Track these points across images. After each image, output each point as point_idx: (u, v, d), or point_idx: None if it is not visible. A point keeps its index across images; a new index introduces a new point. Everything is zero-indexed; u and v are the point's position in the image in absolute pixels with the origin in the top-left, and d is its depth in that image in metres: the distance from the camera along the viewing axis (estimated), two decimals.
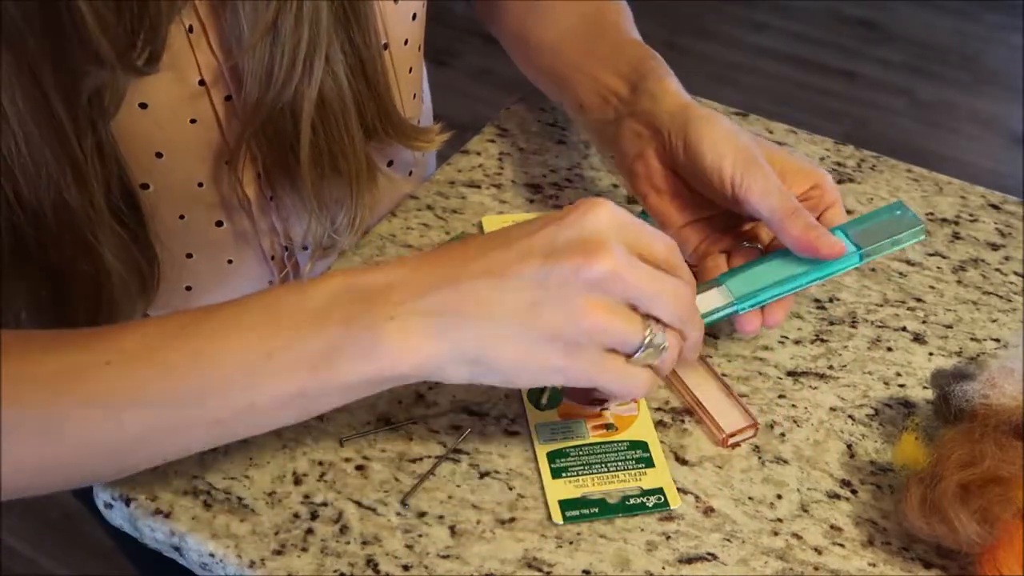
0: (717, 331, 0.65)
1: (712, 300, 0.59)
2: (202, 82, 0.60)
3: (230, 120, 0.62)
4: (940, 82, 2.61)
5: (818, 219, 0.60)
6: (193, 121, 0.61)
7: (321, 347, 0.46)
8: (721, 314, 0.59)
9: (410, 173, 0.79)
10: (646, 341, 0.48)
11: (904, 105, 2.53)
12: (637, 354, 0.48)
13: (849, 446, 0.59)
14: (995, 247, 0.73)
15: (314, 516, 0.54)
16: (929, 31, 2.79)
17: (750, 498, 0.56)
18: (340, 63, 0.59)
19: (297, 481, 0.56)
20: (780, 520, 0.55)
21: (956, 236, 0.74)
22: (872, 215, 0.61)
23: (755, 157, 0.60)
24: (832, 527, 0.55)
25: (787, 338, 0.65)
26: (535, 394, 0.60)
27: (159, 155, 0.61)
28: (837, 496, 0.56)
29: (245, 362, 0.46)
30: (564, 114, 0.84)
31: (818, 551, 0.54)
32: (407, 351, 0.46)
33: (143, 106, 0.58)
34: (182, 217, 0.65)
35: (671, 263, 0.50)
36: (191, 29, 0.58)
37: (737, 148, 0.60)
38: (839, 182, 0.79)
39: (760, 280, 0.59)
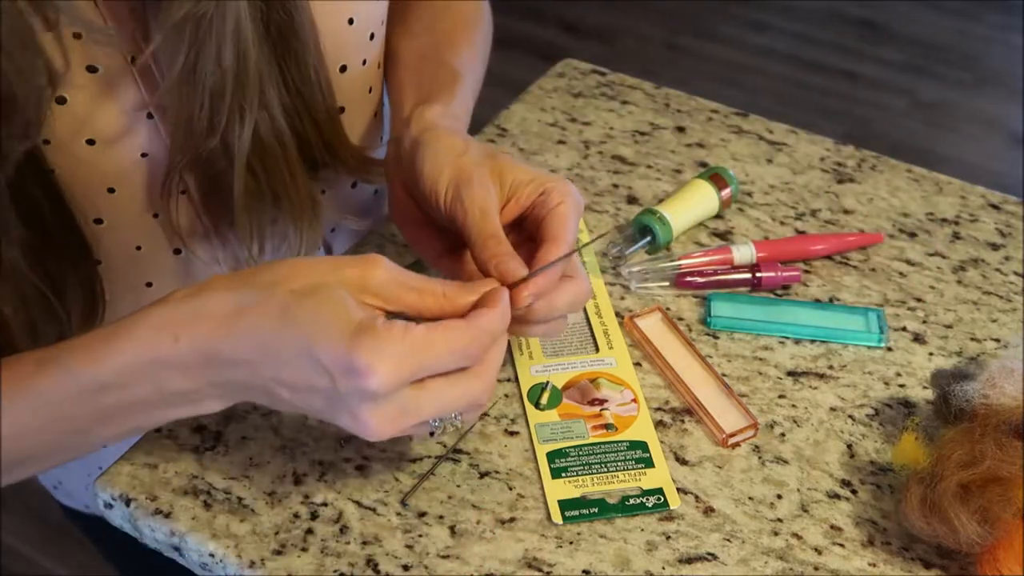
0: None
1: None
2: (151, 115, 0.58)
3: None
4: (941, 82, 2.61)
5: (545, 218, 0.56)
6: (144, 155, 0.59)
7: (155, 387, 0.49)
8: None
9: (375, 191, 0.78)
10: (436, 427, 0.50)
11: (905, 105, 2.53)
12: (435, 435, 0.50)
13: (849, 446, 0.59)
14: (995, 247, 0.73)
15: (314, 516, 0.54)
16: (930, 31, 2.79)
17: (750, 498, 0.56)
18: (276, 102, 0.58)
19: (297, 481, 0.56)
20: (780, 520, 0.55)
21: (956, 236, 0.74)
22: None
23: (471, 175, 0.56)
24: (832, 527, 0.55)
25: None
26: (535, 394, 0.60)
27: (111, 190, 0.59)
28: (837, 496, 0.56)
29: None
30: (564, 114, 0.84)
31: (818, 551, 0.54)
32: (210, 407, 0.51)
33: (91, 142, 0.56)
34: (139, 248, 0.63)
35: (468, 359, 0.48)
36: (133, 60, 0.56)
37: (455, 165, 0.57)
38: (839, 182, 0.79)
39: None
